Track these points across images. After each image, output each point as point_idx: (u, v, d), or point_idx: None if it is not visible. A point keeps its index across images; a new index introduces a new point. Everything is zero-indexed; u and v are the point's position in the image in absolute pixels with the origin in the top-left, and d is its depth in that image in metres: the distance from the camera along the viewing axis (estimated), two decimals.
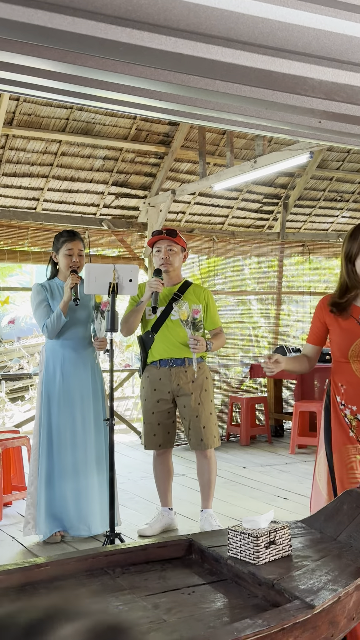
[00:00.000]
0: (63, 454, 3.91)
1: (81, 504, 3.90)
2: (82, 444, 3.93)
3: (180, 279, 4.10)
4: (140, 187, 7.04)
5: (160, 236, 3.96)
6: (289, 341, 7.65)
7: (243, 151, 7.22)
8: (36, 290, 3.97)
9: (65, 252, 3.95)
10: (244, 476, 5.53)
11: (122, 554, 2.17)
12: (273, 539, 2.10)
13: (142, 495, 4.94)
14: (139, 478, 5.51)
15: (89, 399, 3.99)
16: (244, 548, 2.09)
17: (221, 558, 2.13)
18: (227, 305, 7.46)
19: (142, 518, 4.35)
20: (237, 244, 7.42)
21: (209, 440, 3.97)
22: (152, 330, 3.98)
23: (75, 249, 3.96)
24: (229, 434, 7.08)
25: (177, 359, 3.96)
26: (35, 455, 3.94)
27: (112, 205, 7.03)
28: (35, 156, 6.29)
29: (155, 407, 4.01)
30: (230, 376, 7.49)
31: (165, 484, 4.14)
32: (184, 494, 4.93)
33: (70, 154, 6.45)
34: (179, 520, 4.23)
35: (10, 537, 4.07)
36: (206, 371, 4.06)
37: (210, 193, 7.43)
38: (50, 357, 3.99)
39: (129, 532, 4.04)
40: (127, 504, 4.70)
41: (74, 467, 3.91)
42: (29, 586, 1.98)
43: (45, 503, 3.87)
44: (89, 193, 6.80)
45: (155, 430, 4.02)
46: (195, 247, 7.12)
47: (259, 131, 3.02)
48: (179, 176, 7.17)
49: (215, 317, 4.08)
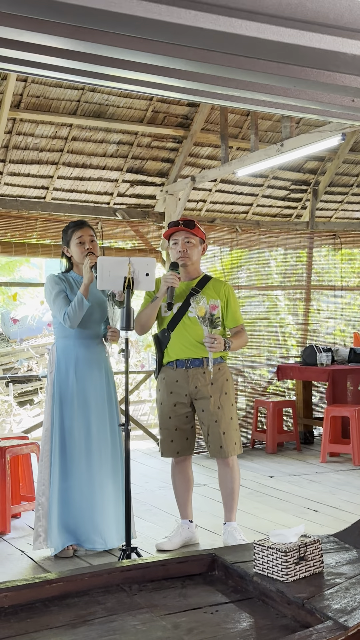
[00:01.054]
0: (77, 461, 3.92)
1: (96, 515, 3.91)
2: (97, 451, 3.94)
3: (199, 273, 4.10)
4: (157, 174, 7.04)
5: (176, 227, 3.96)
6: (319, 340, 7.61)
7: (269, 134, 7.19)
8: (53, 281, 4.00)
9: (76, 241, 3.98)
10: (271, 486, 5.52)
11: (140, 569, 2.18)
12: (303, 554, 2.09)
13: (160, 507, 4.95)
14: (156, 488, 5.51)
15: (103, 402, 4.00)
16: (272, 564, 2.09)
17: (247, 575, 2.13)
18: (251, 301, 7.44)
19: (161, 531, 4.36)
20: (263, 234, 7.39)
21: (229, 448, 3.96)
22: (168, 328, 3.98)
23: (85, 236, 3.98)
24: (254, 440, 7.06)
25: (195, 359, 3.96)
26: (46, 462, 3.96)
27: (127, 194, 7.04)
28: (44, 141, 6.32)
29: (172, 411, 4.02)
30: (255, 378, 7.47)
31: (185, 495, 4.14)
32: (205, 506, 4.93)
33: (81, 139, 6.47)
34: (201, 534, 4.23)
35: (19, 551, 4.10)
36: (227, 372, 4.06)
37: (233, 179, 7.41)
38: (62, 357, 4.01)
39: (146, 547, 4.05)
40: (144, 516, 4.71)
41: (89, 475, 3.93)
42: (39, 603, 1.99)
43: (57, 514, 3.89)
44: (101, 181, 6.81)
45: (173, 436, 4.03)
46: (216, 239, 7.11)
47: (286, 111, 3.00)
48: (199, 162, 7.16)
49: (237, 314, 4.07)
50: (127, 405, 3.50)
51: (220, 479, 4.08)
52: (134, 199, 7.10)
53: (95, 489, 3.91)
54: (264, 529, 4.34)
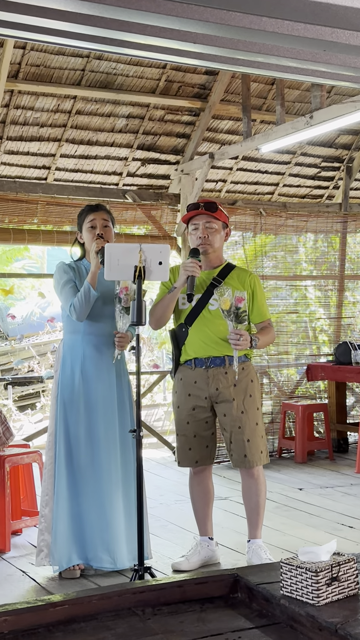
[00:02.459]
0: (84, 470, 3.95)
1: (104, 531, 3.93)
2: (106, 460, 3.96)
3: (221, 261, 4.09)
4: (172, 151, 7.04)
5: (196, 211, 3.96)
6: (354, 336, 7.59)
7: (296, 105, 7.16)
8: (62, 269, 4.03)
9: (87, 226, 4.01)
10: (300, 500, 5.51)
11: (154, 591, 2.19)
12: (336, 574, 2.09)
13: (177, 523, 4.97)
14: (172, 502, 5.53)
15: (113, 406, 4.02)
16: (301, 585, 2.09)
17: (273, 597, 2.13)
18: (278, 293, 7.43)
19: (177, 550, 4.37)
20: (290, 218, 7.37)
21: (254, 457, 3.96)
22: (186, 322, 3.98)
23: (98, 219, 4.00)
24: (282, 448, 7.06)
25: (216, 357, 3.96)
26: (50, 472, 3.98)
27: (138, 174, 7.04)
28: (46, 116, 6.34)
29: (190, 416, 4.02)
30: (283, 379, 7.46)
31: (205, 509, 4.14)
32: (227, 521, 4.93)
33: (86, 113, 6.48)
34: (222, 553, 4.24)
35: (20, 571, 4.13)
36: (252, 372, 4.05)
37: (257, 156, 7.39)
38: (69, 355, 4.03)
39: (161, 566, 4.06)
40: (158, 533, 4.73)
41: (97, 486, 3.95)
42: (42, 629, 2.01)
43: (62, 528, 3.91)
44: (109, 159, 6.82)
45: (191, 444, 4.03)
46: (238, 223, 7.10)
47: (316, 79, 2.99)
48: (218, 137, 7.15)
49: (263, 308, 4.06)
50: (139, 410, 3.51)
51: (244, 491, 4.08)
52: (146, 179, 7.10)
53: (104, 502, 3.93)
54: (292, 546, 4.34)
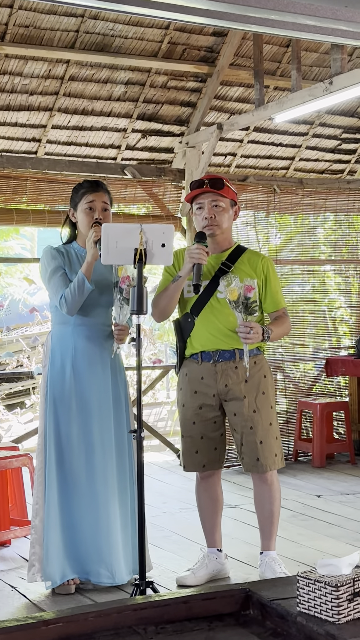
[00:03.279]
0: (77, 476, 3.95)
1: (101, 542, 3.94)
2: (101, 463, 3.96)
3: (230, 243, 4.08)
4: (176, 122, 7.02)
5: (201, 189, 3.95)
6: None
7: (314, 69, 7.13)
8: (50, 255, 4.01)
9: (85, 207, 3.99)
10: (319, 508, 5.52)
11: (157, 607, 2.19)
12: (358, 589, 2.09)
13: (182, 533, 4.98)
14: (177, 510, 5.54)
15: (108, 405, 4.02)
16: (320, 601, 2.09)
17: (288, 614, 2.13)
18: (294, 280, 7.41)
19: (182, 563, 4.38)
20: (307, 195, 7.35)
21: (267, 460, 3.96)
22: (191, 312, 3.98)
23: (98, 202, 3.99)
24: (298, 451, 7.06)
25: (225, 351, 3.95)
26: (40, 477, 3.99)
27: (138, 147, 7.02)
28: (35, 82, 6.32)
29: (196, 415, 4.02)
30: (299, 374, 7.46)
31: (213, 518, 4.15)
32: (237, 532, 4.94)
33: (81, 79, 6.46)
34: (232, 566, 4.24)
35: (9, 586, 4.14)
36: (264, 367, 4.04)
37: (270, 127, 7.37)
38: (58, 348, 4.02)
39: (164, 581, 4.07)
40: (161, 544, 4.73)
41: (91, 493, 3.95)
42: None
43: (54, 540, 3.92)
44: (106, 131, 6.81)
45: (198, 446, 4.03)
46: (250, 202, 7.08)
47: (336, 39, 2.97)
48: (227, 105, 7.13)
49: (277, 296, 4.05)
50: (140, 409, 3.51)
51: (256, 498, 4.08)
52: (147, 153, 7.09)
53: (100, 510, 3.94)
54: (309, 559, 4.34)
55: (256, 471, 3.98)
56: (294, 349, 7.33)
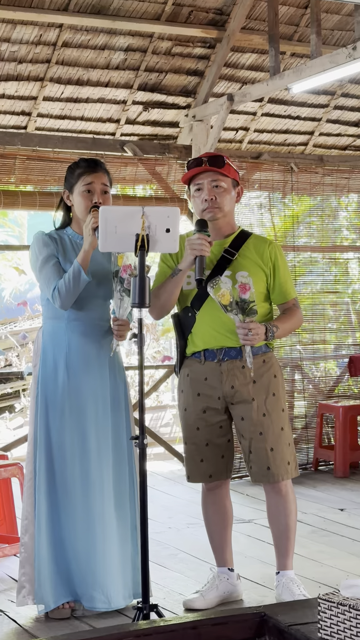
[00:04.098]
0: (70, 488, 3.95)
1: (96, 563, 3.93)
2: (98, 474, 3.96)
3: (233, 228, 4.06)
4: (181, 93, 7.01)
5: (199, 168, 3.94)
6: None
7: (336, 33, 7.11)
8: (41, 241, 4.00)
9: (82, 189, 3.98)
10: (342, 523, 5.52)
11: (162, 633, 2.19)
12: None
13: (189, 551, 4.98)
14: (183, 526, 5.54)
15: (106, 408, 4.02)
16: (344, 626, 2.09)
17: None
18: (313, 268, 7.40)
19: (190, 584, 4.39)
20: (328, 174, 7.34)
21: (279, 469, 3.95)
22: (192, 306, 3.97)
23: (96, 184, 3.98)
24: (318, 460, 7.06)
25: (231, 348, 3.94)
26: (29, 490, 3.99)
27: (139, 121, 7.02)
28: (25, 49, 6.32)
29: (200, 420, 4.01)
30: (319, 374, 7.45)
31: (222, 534, 4.15)
32: (250, 549, 4.94)
33: (75, 45, 6.46)
34: (245, 587, 4.24)
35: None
36: (275, 366, 4.04)
37: (287, 98, 7.36)
38: (50, 345, 4.02)
39: (170, 604, 4.07)
40: (166, 564, 4.74)
41: (86, 508, 3.95)
42: None
43: (45, 560, 3.92)
44: (104, 103, 6.80)
45: (203, 454, 4.02)
46: (264, 182, 7.07)
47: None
48: (239, 74, 7.11)
49: (287, 285, 4.04)
50: (142, 413, 3.50)
51: (269, 512, 4.08)
52: (149, 127, 7.08)
53: (95, 526, 3.93)
54: (331, 579, 4.34)
55: (267, 481, 3.97)
56: (313, 346, 7.32)
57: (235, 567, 4.19)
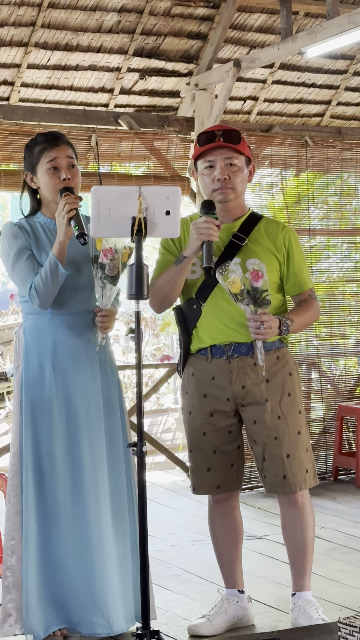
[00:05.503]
0: (61, 503, 3.94)
1: (93, 584, 3.93)
2: (92, 486, 3.96)
3: (243, 210, 4.06)
4: (182, 58, 6.99)
5: (213, 144, 3.93)
6: None
7: None
8: (11, 233, 3.98)
9: (46, 167, 3.95)
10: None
11: None
12: None
13: (194, 571, 4.98)
14: (188, 543, 5.54)
15: (99, 411, 4.01)
16: None
17: None
18: (330, 254, 7.40)
19: (196, 608, 4.39)
20: (347, 149, 7.33)
21: (296, 478, 3.95)
22: (197, 297, 3.97)
23: (61, 158, 3.95)
24: (338, 468, 7.06)
25: (241, 344, 3.94)
26: (15, 507, 3.97)
27: (135, 90, 7.00)
28: (7, 11, 6.30)
29: (207, 424, 4.01)
30: (339, 372, 7.45)
31: (232, 552, 4.15)
32: (263, 568, 4.94)
33: (63, 6, 6.44)
34: (257, 611, 4.24)
35: None
36: (290, 363, 4.04)
37: (300, 64, 7.34)
38: (33, 344, 4.00)
39: (173, 631, 4.07)
40: (169, 585, 4.74)
41: (79, 524, 3.94)
42: None
43: (34, 584, 3.91)
44: (96, 70, 6.79)
45: (210, 463, 4.02)
46: (275, 157, 7.06)
47: None
48: (246, 37, 7.10)
49: (302, 274, 4.04)
50: (141, 417, 3.50)
51: (284, 526, 4.08)
52: (147, 97, 7.07)
53: (92, 544, 3.93)
54: (353, 601, 4.34)
55: (282, 492, 3.98)
56: (332, 341, 7.32)
57: (246, 589, 4.19)
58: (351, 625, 2.16)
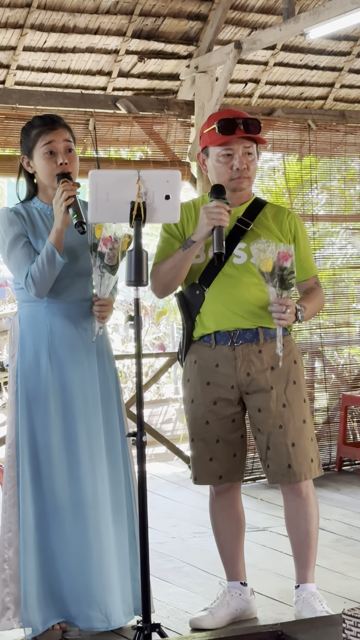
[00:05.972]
0: (59, 495, 3.96)
1: (92, 578, 3.94)
2: (90, 477, 3.96)
3: (249, 195, 4.09)
4: (182, 40, 6.98)
5: (234, 135, 3.89)
6: None
7: None
8: (7, 220, 3.97)
9: (43, 151, 3.94)
10: None
11: None
12: None
13: (196, 564, 4.99)
14: (189, 535, 5.56)
15: (96, 401, 4.02)
16: None
17: None
18: (333, 240, 7.39)
19: (197, 601, 4.40)
20: (351, 132, 7.32)
21: (301, 467, 3.96)
22: (200, 282, 3.97)
23: (58, 142, 3.94)
24: (342, 459, 7.07)
25: (246, 330, 3.96)
26: (12, 499, 3.98)
27: (134, 73, 6.99)
28: None
29: (210, 413, 4.02)
30: (343, 361, 7.44)
31: (234, 544, 4.16)
32: (266, 560, 4.95)
33: None
34: (260, 604, 4.26)
35: None
36: (294, 351, 4.05)
37: (303, 45, 7.32)
38: (28, 333, 4.00)
39: (174, 624, 4.08)
40: (170, 578, 4.75)
41: (78, 516, 3.95)
42: None
43: (34, 576, 3.93)
44: (93, 53, 6.77)
45: (213, 452, 4.03)
46: (278, 141, 7.05)
47: None
48: (247, 18, 7.08)
49: (308, 261, 4.07)
50: (140, 408, 3.50)
51: (288, 517, 4.09)
52: (145, 80, 7.05)
53: (89, 536, 3.94)
54: (358, 594, 4.35)
55: (287, 481, 3.98)
56: (335, 329, 7.31)
57: (249, 581, 4.21)
58: (356, 616, 2.16)
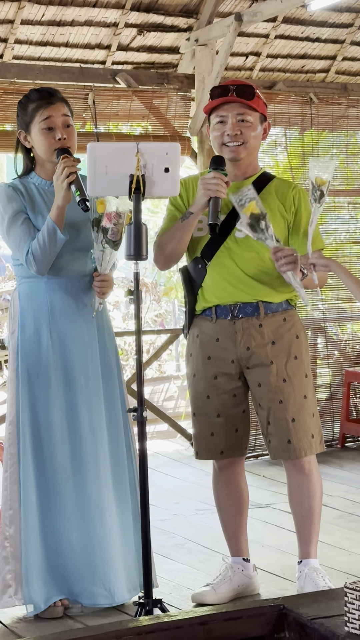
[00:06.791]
0: (61, 471, 3.96)
1: (95, 555, 3.96)
2: (92, 454, 3.97)
3: (255, 169, 4.06)
4: (181, 12, 6.94)
5: (225, 98, 3.91)
6: None
7: None
8: (5, 196, 3.95)
9: (40, 126, 3.92)
10: None
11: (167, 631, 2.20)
12: None
13: (198, 540, 5.00)
14: (192, 512, 5.57)
15: (97, 378, 4.02)
16: None
17: (334, 636, 2.14)
18: (336, 215, 7.38)
19: (200, 577, 4.41)
20: (354, 106, 7.29)
21: (302, 443, 3.96)
22: (202, 256, 3.97)
23: (56, 116, 3.92)
24: (345, 435, 7.08)
25: (247, 304, 3.95)
26: (13, 476, 3.99)
27: (133, 47, 6.96)
28: None
29: (211, 387, 4.02)
30: (346, 337, 7.44)
31: (237, 520, 4.17)
32: (268, 537, 4.96)
33: None
34: (262, 580, 4.27)
35: None
36: (296, 325, 4.04)
37: (305, 17, 7.28)
38: (28, 309, 4.00)
39: (177, 600, 4.10)
40: (172, 555, 4.76)
41: (80, 493, 3.97)
42: None
43: (34, 554, 3.94)
44: (92, 26, 6.74)
45: (214, 427, 4.03)
46: (279, 115, 7.03)
47: None
48: None
49: (313, 233, 4.04)
50: (141, 385, 3.50)
51: (291, 493, 4.10)
52: (145, 54, 7.03)
53: (92, 513, 3.95)
54: (359, 569, 4.37)
55: (287, 457, 3.99)
56: (338, 305, 7.31)
57: (252, 557, 4.21)
58: (358, 590, 2.16)
